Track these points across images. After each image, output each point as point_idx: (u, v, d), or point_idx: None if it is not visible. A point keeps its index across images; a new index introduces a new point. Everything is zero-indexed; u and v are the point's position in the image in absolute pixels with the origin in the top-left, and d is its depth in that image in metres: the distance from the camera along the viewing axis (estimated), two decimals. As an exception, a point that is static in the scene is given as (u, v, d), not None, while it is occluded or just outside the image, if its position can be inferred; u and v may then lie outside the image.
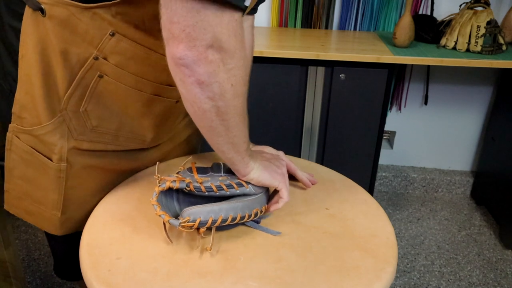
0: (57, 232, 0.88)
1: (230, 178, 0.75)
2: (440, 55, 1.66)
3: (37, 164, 0.81)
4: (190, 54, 0.55)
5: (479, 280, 1.75)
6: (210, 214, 0.68)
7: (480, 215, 2.16)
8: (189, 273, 0.65)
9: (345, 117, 1.78)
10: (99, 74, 0.72)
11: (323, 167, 0.96)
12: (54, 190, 0.82)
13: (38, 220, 0.89)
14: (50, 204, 0.84)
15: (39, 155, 0.80)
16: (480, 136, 2.26)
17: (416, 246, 1.94)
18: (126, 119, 0.80)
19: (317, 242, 0.72)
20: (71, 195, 0.83)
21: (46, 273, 1.71)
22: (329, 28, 2.05)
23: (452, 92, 2.17)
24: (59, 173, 0.80)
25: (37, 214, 0.87)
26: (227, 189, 0.73)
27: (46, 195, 0.83)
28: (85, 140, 0.79)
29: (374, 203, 0.84)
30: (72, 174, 0.81)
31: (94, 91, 0.74)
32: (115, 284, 0.62)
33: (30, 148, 0.81)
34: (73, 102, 0.75)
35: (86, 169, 0.82)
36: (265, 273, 0.65)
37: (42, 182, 0.82)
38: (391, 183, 2.32)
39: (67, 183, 0.82)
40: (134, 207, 0.80)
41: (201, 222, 0.68)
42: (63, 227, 0.87)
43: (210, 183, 0.73)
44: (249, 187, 0.75)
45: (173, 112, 0.87)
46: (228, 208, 0.70)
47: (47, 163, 0.80)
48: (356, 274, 0.65)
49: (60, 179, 0.81)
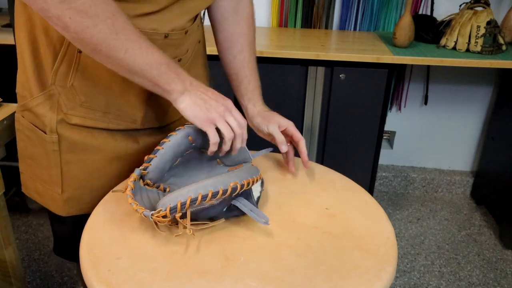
0: (61, 212, 0.91)
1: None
2: (440, 55, 1.66)
3: (37, 140, 0.86)
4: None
5: (479, 280, 1.75)
6: (178, 198, 0.67)
7: (480, 215, 2.16)
8: (189, 273, 0.65)
9: (345, 117, 1.78)
10: (78, 50, 0.76)
11: (323, 167, 0.96)
12: (52, 165, 0.86)
13: (46, 200, 0.93)
14: (51, 181, 0.88)
15: (37, 130, 0.85)
16: (480, 136, 2.26)
17: (416, 246, 1.94)
18: (112, 96, 0.83)
19: (317, 242, 0.72)
20: (68, 172, 0.86)
21: (46, 273, 1.71)
22: (329, 28, 2.05)
23: (452, 92, 2.17)
24: (53, 145, 0.84)
25: (45, 194, 0.92)
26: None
27: (48, 172, 0.87)
28: (75, 115, 0.82)
29: (374, 203, 0.84)
30: (65, 148, 0.84)
31: (77, 67, 0.78)
32: (115, 284, 0.62)
33: (31, 125, 0.86)
34: (60, 77, 0.79)
35: (78, 145, 0.85)
36: (265, 273, 0.65)
37: (43, 158, 0.86)
38: (391, 183, 2.32)
39: (62, 158, 0.85)
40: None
41: (172, 208, 0.66)
42: (66, 207, 0.90)
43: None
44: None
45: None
46: (197, 187, 0.67)
47: (43, 136, 0.84)
48: (356, 274, 0.65)
49: (55, 152, 0.84)
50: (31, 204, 2.06)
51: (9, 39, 1.68)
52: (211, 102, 0.75)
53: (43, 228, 1.96)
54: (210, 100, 0.75)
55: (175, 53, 0.85)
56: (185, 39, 0.85)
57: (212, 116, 0.74)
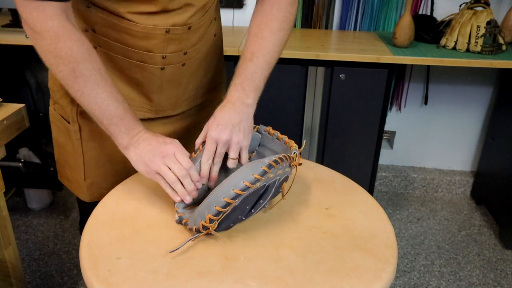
0: (85, 198, 0.99)
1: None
2: (440, 55, 1.66)
3: (65, 130, 0.95)
4: (23, 23, 0.75)
5: (479, 280, 1.75)
6: (198, 219, 0.70)
7: (480, 215, 2.16)
8: (189, 273, 0.65)
9: (345, 117, 1.78)
10: (93, 45, 0.82)
11: (323, 167, 0.96)
12: (76, 153, 0.95)
13: (73, 186, 1.02)
14: (77, 167, 0.96)
15: (64, 121, 0.94)
16: (480, 136, 2.26)
17: (416, 246, 1.94)
18: (126, 87, 0.89)
19: (317, 242, 0.72)
20: (90, 158, 0.95)
21: (46, 273, 1.71)
22: (329, 28, 2.05)
23: (452, 92, 2.17)
24: (76, 134, 0.93)
25: (73, 181, 1.01)
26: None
27: (74, 159, 0.96)
28: None
29: (374, 203, 0.84)
30: (85, 137, 0.93)
31: None
32: (115, 284, 0.62)
33: (59, 116, 0.95)
34: None
35: (95, 133, 0.92)
36: (265, 273, 0.65)
37: (69, 146, 0.96)
38: (391, 183, 2.32)
39: (83, 145, 0.94)
40: (134, 207, 0.80)
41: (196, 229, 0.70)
42: (89, 192, 0.98)
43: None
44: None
45: (165, 76, 0.91)
46: (210, 202, 0.69)
47: (68, 126, 0.93)
48: (356, 274, 0.65)
49: (78, 141, 0.93)
50: (31, 204, 2.06)
51: (9, 39, 1.68)
52: (154, 152, 0.78)
53: (43, 228, 1.96)
54: (153, 151, 0.78)
55: (178, 47, 0.87)
56: (189, 34, 0.87)
57: (153, 167, 0.77)
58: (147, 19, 0.81)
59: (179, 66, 0.90)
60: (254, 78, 0.85)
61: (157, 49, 0.85)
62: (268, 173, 0.68)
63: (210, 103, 1.04)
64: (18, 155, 1.91)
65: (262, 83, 0.86)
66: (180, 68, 0.91)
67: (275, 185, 0.72)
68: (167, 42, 0.84)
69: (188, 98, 0.99)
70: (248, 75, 0.84)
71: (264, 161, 0.69)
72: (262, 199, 0.71)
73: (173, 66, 0.89)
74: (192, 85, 0.97)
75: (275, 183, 0.71)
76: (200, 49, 0.93)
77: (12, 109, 1.05)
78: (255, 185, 0.67)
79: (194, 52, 0.91)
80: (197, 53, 0.92)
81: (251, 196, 0.69)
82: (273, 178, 0.70)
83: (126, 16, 0.80)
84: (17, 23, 1.83)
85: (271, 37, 0.87)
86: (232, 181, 0.68)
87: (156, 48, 0.85)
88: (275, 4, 0.87)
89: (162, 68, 0.88)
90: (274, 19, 0.87)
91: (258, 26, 0.87)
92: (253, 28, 0.88)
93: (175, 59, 0.88)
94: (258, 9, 0.89)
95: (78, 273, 1.72)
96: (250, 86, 0.84)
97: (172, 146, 0.79)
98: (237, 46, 1.65)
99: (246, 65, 0.85)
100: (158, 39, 0.83)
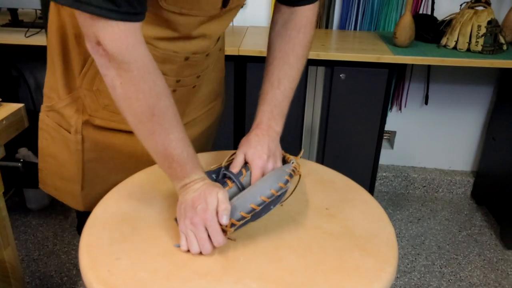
0: (79, 207, 0.97)
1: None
2: (440, 54, 1.66)
3: (61, 139, 0.91)
4: (89, 46, 0.65)
5: (479, 281, 1.75)
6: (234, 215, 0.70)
7: (481, 215, 2.16)
8: (189, 273, 0.64)
9: (345, 117, 1.78)
10: None
11: (323, 167, 0.96)
12: (74, 163, 0.91)
13: (64, 196, 0.98)
14: (72, 178, 0.93)
15: (62, 130, 0.90)
16: (481, 136, 2.26)
17: (417, 246, 1.93)
18: None
19: (317, 242, 0.72)
20: (90, 169, 0.92)
21: (46, 273, 1.71)
22: (329, 28, 2.05)
23: (452, 92, 2.16)
24: (77, 145, 0.89)
25: (63, 190, 0.97)
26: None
27: (69, 169, 0.93)
28: (99, 117, 0.88)
29: (374, 203, 0.83)
30: (88, 147, 0.90)
31: None
32: (115, 284, 0.62)
33: (56, 124, 0.91)
34: (87, 81, 0.84)
35: (100, 144, 0.90)
36: (265, 273, 0.65)
37: (65, 156, 0.92)
38: (392, 183, 2.32)
39: (84, 156, 0.91)
40: (134, 208, 0.80)
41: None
42: (85, 202, 0.96)
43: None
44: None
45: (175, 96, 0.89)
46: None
47: (68, 136, 0.90)
48: (356, 274, 0.65)
49: (78, 151, 0.90)
50: (30, 204, 2.06)
51: (8, 38, 1.68)
52: (186, 215, 0.70)
53: (42, 228, 1.96)
54: (190, 210, 0.69)
55: (194, 71, 0.89)
56: (205, 59, 0.89)
57: (181, 226, 0.70)
58: (167, 45, 0.80)
59: (190, 88, 0.92)
60: (282, 107, 0.86)
61: (172, 73, 0.85)
62: (289, 181, 0.74)
63: (210, 114, 1.06)
64: (17, 155, 1.91)
65: (287, 109, 0.87)
66: (190, 89, 0.92)
67: (286, 192, 0.77)
68: (183, 67, 0.85)
69: (191, 111, 0.99)
70: (276, 103, 0.85)
71: (285, 170, 0.75)
72: (273, 204, 0.74)
73: (184, 88, 0.90)
74: (198, 100, 0.99)
75: (286, 190, 0.77)
76: (210, 69, 0.95)
77: (11, 109, 1.05)
78: (278, 193, 0.72)
79: (206, 74, 0.93)
80: (206, 73, 0.94)
81: (270, 203, 0.72)
82: (288, 186, 0.75)
83: (147, 40, 0.75)
84: (16, 23, 1.83)
85: (296, 64, 0.87)
86: (259, 189, 0.71)
87: (171, 72, 0.84)
88: (302, 28, 0.86)
89: (174, 90, 0.88)
90: (300, 44, 0.86)
91: (284, 51, 0.86)
92: (277, 52, 0.86)
93: (188, 81, 0.90)
94: (282, 33, 0.86)
95: (78, 273, 1.71)
96: (279, 115, 0.85)
97: (208, 214, 0.67)
98: (237, 46, 1.64)
99: (274, 92, 0.85)
100: (176, 64, 0.83)
